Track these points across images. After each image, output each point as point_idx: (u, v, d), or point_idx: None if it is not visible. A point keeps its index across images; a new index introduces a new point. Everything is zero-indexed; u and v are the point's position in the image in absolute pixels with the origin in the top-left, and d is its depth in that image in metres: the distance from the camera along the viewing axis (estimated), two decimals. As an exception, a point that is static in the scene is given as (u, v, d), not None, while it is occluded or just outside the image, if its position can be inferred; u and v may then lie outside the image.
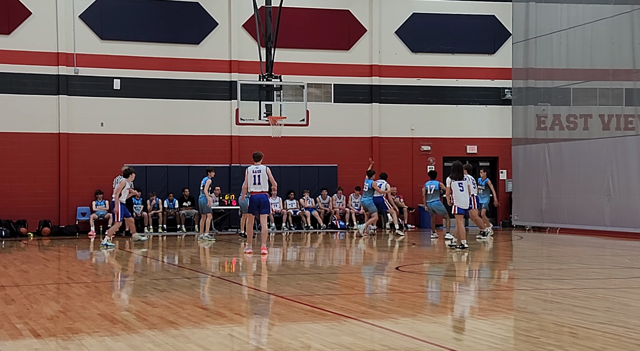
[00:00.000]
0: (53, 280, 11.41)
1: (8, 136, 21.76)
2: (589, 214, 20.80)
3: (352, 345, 6.33)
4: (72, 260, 15.67)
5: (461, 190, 15.62)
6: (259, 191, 14.85)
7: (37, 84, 22.03)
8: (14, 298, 9.16)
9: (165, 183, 22.66)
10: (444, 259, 14.74)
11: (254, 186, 14.86)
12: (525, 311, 8.26)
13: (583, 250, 16.84)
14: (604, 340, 6.48)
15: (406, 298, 9.14)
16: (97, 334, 6.88)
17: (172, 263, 14.42)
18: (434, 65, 24.89)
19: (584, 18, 21.42)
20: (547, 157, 22.50)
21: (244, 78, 21.78)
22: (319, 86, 24.03)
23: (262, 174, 14.82)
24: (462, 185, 15.67)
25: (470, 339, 6.61)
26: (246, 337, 6.83)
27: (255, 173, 14.87)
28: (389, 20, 24.77)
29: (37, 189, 21.95)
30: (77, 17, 22.39)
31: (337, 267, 13.60)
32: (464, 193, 15.66)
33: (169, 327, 7.20)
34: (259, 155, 15.14)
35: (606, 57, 20.88)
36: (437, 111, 24.95)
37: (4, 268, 12.88)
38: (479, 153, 25.29)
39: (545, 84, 23.05)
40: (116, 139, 22.59)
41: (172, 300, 8.99)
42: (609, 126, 21.13)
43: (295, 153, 23.52)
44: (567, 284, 10.58)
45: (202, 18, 23.41)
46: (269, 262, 14.13)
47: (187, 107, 23.17)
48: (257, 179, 14.84)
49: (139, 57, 22.78)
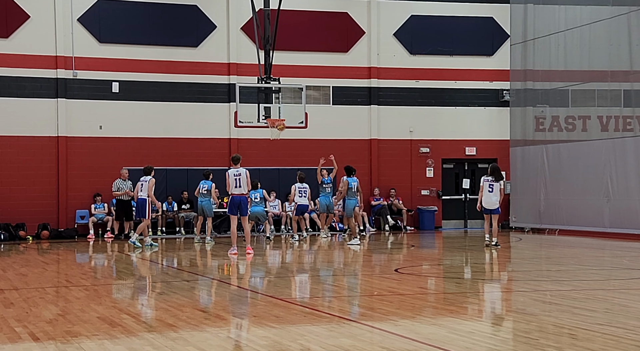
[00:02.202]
0: (52, 283, 11.41)
1: (7, 139, 21.75)
2: (587, 215, 20.80)
3: (351, 347, 6.32)
4: (71, 263, 15.66)
5: (490, 191, 15.92)
6: (239, 193, 15.33)
7: (36, 88, 22.03)
8: (12, 302, 9.16)
9: (164, 185, 22.64)
10: (443, 261, 14.74)
11: (235, 189, 15.32)
12: (524, 313, 8.26)
13: (582, 251, 16.84)
14: (604, 341, 6.48)
15: (405, 300, 9.14)
16: (96, 337, 6.87)
17: (171, 266, 14.41)
18: (432, 67, 24.90)
19: (582, 19, 21.44)
20: (545, 158, 22.51)
21: (243, 81, 21.78)
22: (317, 88, 24.04)
23: (242, 177, 15.29)
24: (493, 186, 15.99)
25: (469, 341, 6.61)
26: (245, 340, 6.83)
27: (235, 176, 15.33)
28: (387, 23, 24.78)
29: (36, 193, 21.94)
30: (75, 20, 22.39)
31: (336, 269, 13.60)
32: (493, 194, 15.99)
33: (168, 330, 7.20)
34: (238, 158, 15.75)
35: (604, 59, 20.90)
36: (436, 113, 24.96)
37: (3, 271, 12.87)
38: (478, 155, 25.30)
39: (543, 86, 23.07)
40: (115, 142, 22.58)
41: (171, 302, 8.99)
42: (608, 127, 21.14)
43: (294, 155, 23.52)
44: (567, 285, 10.58)
45: (201, 21, 23.42)
46: (268, 264, 14.12)
47: (186, 110, 23.17)
48: (238, 182, 15.31)
49: (137, 60, 22.78)
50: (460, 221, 25.45)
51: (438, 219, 24.77)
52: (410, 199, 24.63)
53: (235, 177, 15.32)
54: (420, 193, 24.74)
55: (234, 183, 15.30)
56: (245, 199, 15.45)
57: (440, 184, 25.07)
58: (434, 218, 24.20)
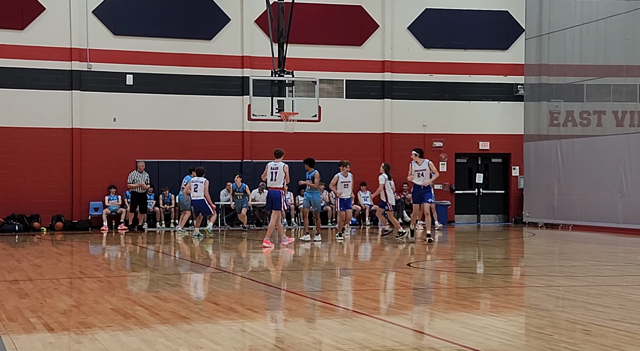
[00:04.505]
0: (66, 275, 11.47)
1: (21, 131, 21.87)
2: (601, 211, 20.70)
3: (363, 340, 6.32)
4: (85, 255, 15.74)
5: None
6: (273, 187, 15.53)
7: (51, 80, 22.12)
8: (27, 292, 9.22)
9: (178, 178, 22.70)
10: (455, 255, 14.71)
11: (270, 182, 15.57)
12: (537, 308, 8.23)
13: (596, 247, 16.76)
14: (617, 337, 6.45)
15: (418, 294, 9.13)
16: (110, 328, 6.91)
17: (185, 258, 14.46)
18: (446, 61, 24.81)
19: (598, 14, 21.29)
20: (559, 153, 22.40)
21: (256, 74, 21.79)
22: (331, 81, 24.02)
23: (279, 171, 15.43)
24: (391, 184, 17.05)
25: (482, 336, 6.59)
26: (258, 332, 6.84)
27: (272, 170, 15.55)
28: (401, 16, 24.71)
29: (50, 184, 22.05)
30: (90, 12, 22.46)
31: (348, 263, 13.60)
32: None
33: (181, 322, 7.22)
34: (278, 152, 15.88)
35: (620, 53, 20.75)
36: (450, 107, 24.88)
37: (18, 262, 12.96)
38: (491, 149, 25.22)
39: (558, 80, 22.94)
40: (129, 134, 22.66)
41: (184, 294, 9.02)
42: (623, 122, 21.00)
43: (306, 149, 23.48)
44: (580, 281, 10.54)
45: (215, 14, 23.43)
46: (280, 258, 14.14)
47: (200, 103, 23.20)
48: (273, 175, 15.47)
49: (151, 53, 22.83)
50: (473, 216, 25.40)
51: (451, 213, 24.71)
52: (423, 194, 24.55)
53: (272, 170, 15.54)
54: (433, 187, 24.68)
55: (270, 176, 15.54)
56: (278, 193, 15.51)
57: (453, 179, 25.01)
58: (446, 213, 24.14)
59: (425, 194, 16.14)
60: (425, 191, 16.15)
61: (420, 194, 16.10)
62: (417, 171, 16.02)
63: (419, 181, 15.97)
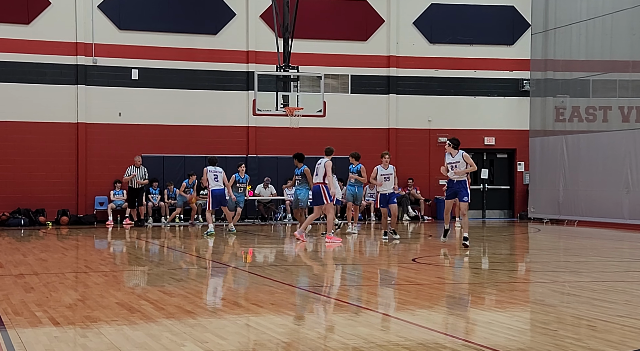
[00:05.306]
0: (71, 269, 11.49)
1: (27, 125, 21.90)
2: (607, 206, 20.66)
3: (368, 336, 6.32)
4: (90, 249, 15.77)
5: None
6: (315, 182, 15.97)
7: (56, 74, 22.14)
8: (33, 286, 9.24)
9: (183, 173, 22.72)
10: (460, 251, 14.70)
11: (314, 178, 16.00)
12: (543, 304, 8.22)
13: (601, 243, 16.73)
14: (623, 333, 6.43)
15: (423, 289, 9.13)
16: (115, 323, 6.92)
17: (190, 253, 14.47)
18: (451, 56, 24.77)
19: (604, 9, 21.22)
20: (565, 149, 22.36)
21: (261, 69, 21.79)
22: (336, 76, 23.99)
23: (320, 167, 15.84)
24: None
25: (487, 331, 6.59)
26: (263, 327, 6.85)
27: (317, 165, 15.97)
28: (406, 11, 24.66)
29: (56, 179, 22.10)
30: (95, 7, 22.46)
31: (353, 258, 13.60)
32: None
33: (186, 316, 7.23)
34: (328, 150, 16.11)
35: (626, 49, 20.68)
36: (455, 103, 24.85)
37: (24, 256, 12.99)
38: (497, 145, 25.19)
39: (564, 76, 22.88)
40: (134, 129, 22.68)
41: (189, 289, 9.03)
42: (629, 118, 20.94)
43: (311, 144, 23.46)
44: (586, 277, 10.52)
45: (220, 8, 23.42)
46: (285, 253, 14.14)
47: (205, 98, 23.21)
48: (316, 170, 15.92)
49: (156, 48, 22.83)
50: (479, 211, 25.36)
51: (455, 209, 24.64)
52: (428, 189, 24.57)
53: (317, 166, 15.90)
54: (438, 182, 24.62)
55: (314, 171, 15.97)
56: (317, 187, 15.79)
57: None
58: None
59: (460, 191, 13.99)
60: (460, 187, 13.99)
61: (453, 190, 14.11)
62: (449, 164, 14.05)
63: (452, 174, 14.02)
